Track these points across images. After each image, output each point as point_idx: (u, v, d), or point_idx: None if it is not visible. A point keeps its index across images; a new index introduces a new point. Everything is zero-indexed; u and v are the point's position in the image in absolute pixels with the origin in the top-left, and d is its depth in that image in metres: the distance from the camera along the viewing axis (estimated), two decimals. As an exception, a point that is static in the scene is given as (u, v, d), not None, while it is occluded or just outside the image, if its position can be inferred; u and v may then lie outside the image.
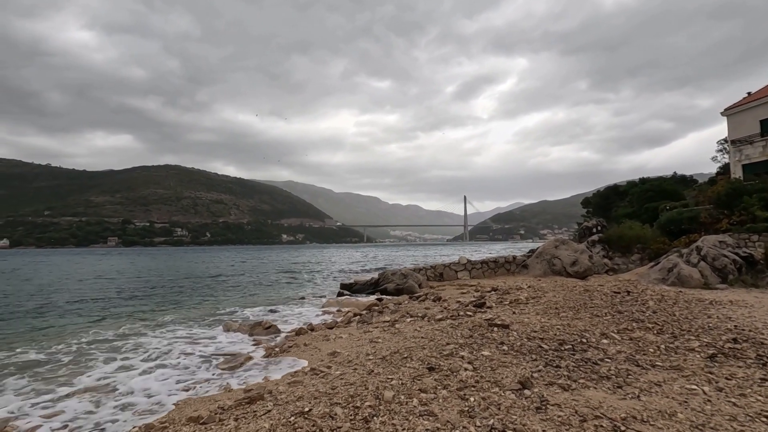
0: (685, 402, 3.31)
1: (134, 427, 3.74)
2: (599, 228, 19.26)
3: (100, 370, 6.43)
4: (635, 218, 19.31)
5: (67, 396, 5.33)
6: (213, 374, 5.91)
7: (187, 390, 5.27)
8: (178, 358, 6.85)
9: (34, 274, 31.48)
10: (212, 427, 3.34)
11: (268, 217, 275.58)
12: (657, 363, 4.32)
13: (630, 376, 3.93)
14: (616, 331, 5.60)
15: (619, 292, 9.11)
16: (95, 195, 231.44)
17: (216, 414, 3.61)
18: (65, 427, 4.40)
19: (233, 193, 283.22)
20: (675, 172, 34.01)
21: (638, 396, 3.46)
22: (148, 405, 4.87)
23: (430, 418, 3.07)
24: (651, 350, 4.75)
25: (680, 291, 9.53)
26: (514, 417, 3.05)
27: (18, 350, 7.98)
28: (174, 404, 4.64)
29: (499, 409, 3.19)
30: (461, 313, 7.58)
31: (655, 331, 5.59)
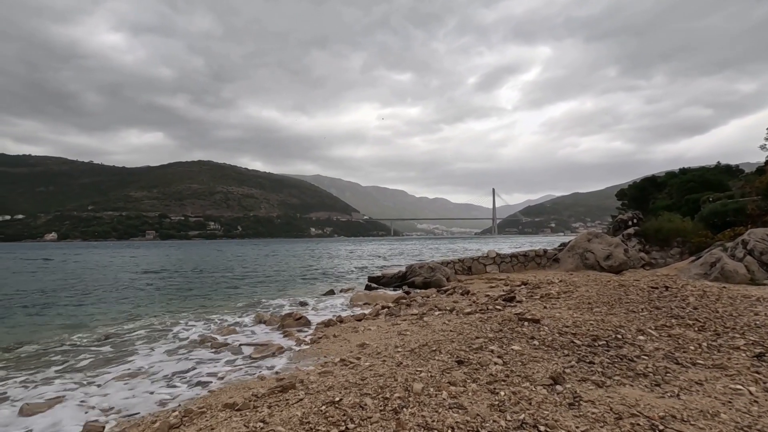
0: (729, 402, 3.16)
1: (174, 411, 3.92)
2: (635, 221, 18.52)
3: (138, 357, 6.77)
4: (675, 210, 18.45)
5: (113, 380, 5.65)
6: (246, 363, 6.10)
7: (221, 378, 5.48)
8: (212, 347, 7.10)
9: (78, 266, 33.32)
10: (247, 413, 3.46)
11: (296, 211, 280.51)
12: (698, 361, 4.14)
13: (669, 374, 3.78)
14: (653, 328, 5.39)
15: (656, 288, 8.75)
16: (134, 190, 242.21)
17: (250, 401, 3.73)
18: (111, 408, 4.68)
19: (263, 187, 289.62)
20: (719, 162, 32.16)
21: (678, 395, 3.33)
22: (184, 391, 5.10)
23: (460, 410, 3.07)
24: (692, 348, 4.55)
25: (724, 287, 9.05)
26: (546, 412, 3.00)
27: (63, 337, 8.52)
28: (210, 391, 4.83)
29: (530, 404, 3.15)
30: (490, 307, 7.50)
31: (696, 328, 5.35)
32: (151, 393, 5.11)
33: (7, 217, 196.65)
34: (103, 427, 4.04)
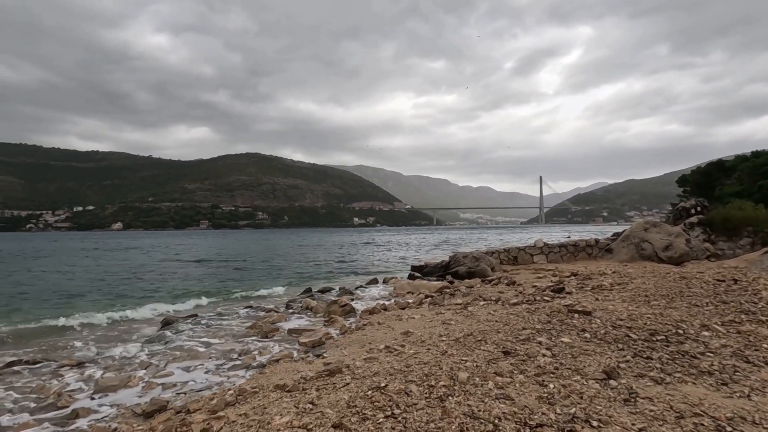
0: (810, 406, 2.88)
1: (229, 390, 4.16)
2: (699, 209, 17.19)
3: (193, 340, 7.24)
4: (745, 197, 16.92)
5: (173, 360, 6.07)
6: (294, 348, 6.34)
7: (271, 361, 5.72)
8: (262, 333, 7.41)
9: (137, 255, 35.84)
10: (296, 395, 3.60)
11: (340, 201, 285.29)
12: (772, 360, 3.80)
13: (737, 373, 3.51)
14: (719, 323, 5.01)
15: (723, 281, 8.10)
16: (188, 182, 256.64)
17: (299, 383, 3.87)
18: (173, 385, 5.04)
19: (307, 178, 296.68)
20: (799, 143, 28.98)
21: (748, 395, 3.08)
22: (237, 372, 5.40)
23: (507, 401, 3.02)
24: (765, 346, 4.18)
25: (803, 280, 8.22)
26: (599, 407, 2.88)
27: (127, 321, 9.23)
28: (261, 373, 5.06)
29: (581, 398, 3.04)
30: (538, 297, 7.28)
31: (770, 325, 4.91)
32: (207, 373, 5.46)
33: (80, 208, 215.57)
34: (168, 401, 4.36)
